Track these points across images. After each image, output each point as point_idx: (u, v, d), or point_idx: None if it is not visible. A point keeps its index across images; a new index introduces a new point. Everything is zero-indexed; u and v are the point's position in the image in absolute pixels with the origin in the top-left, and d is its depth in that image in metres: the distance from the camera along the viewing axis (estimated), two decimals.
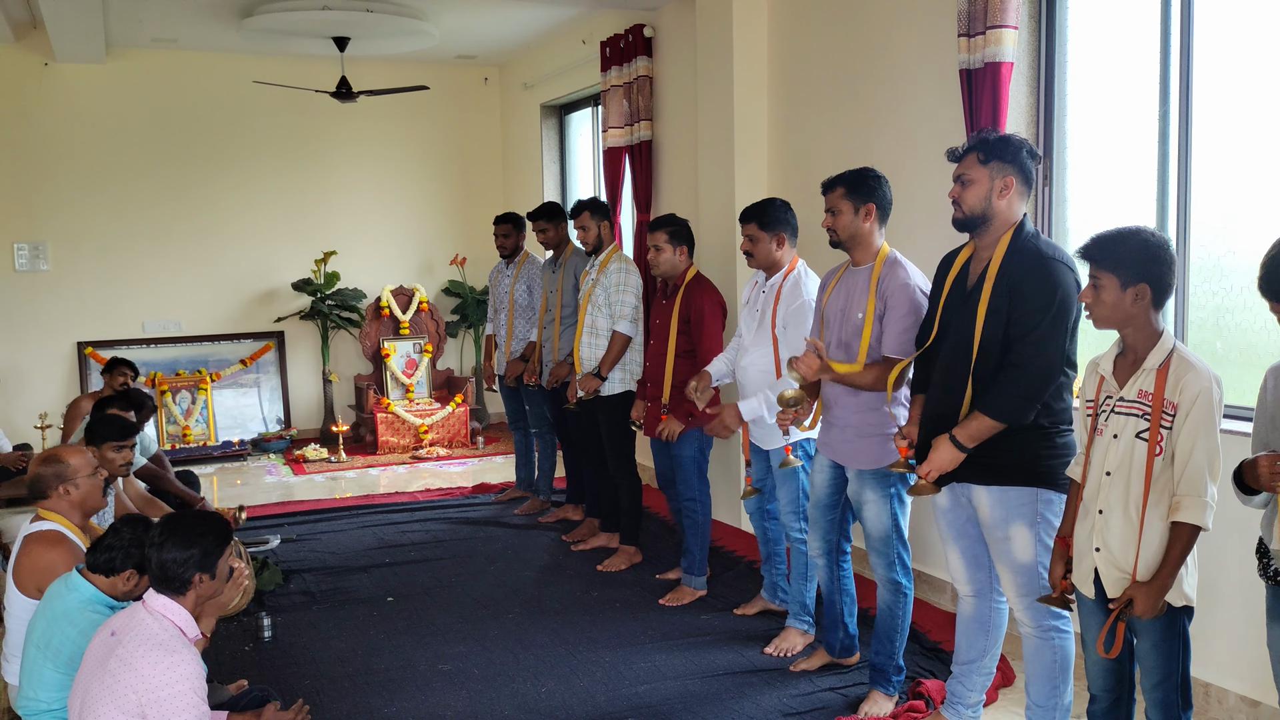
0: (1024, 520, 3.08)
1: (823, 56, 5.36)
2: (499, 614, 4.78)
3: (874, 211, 3.63)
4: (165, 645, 2.69)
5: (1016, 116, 4.35)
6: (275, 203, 8.98)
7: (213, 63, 8.65)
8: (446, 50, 8.74)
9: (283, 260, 9.01)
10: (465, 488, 7.31)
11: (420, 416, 8.64)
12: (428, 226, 9.56)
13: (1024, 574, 3.12)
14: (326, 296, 8.96)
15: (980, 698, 3.51)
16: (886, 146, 4.91)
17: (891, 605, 3.77)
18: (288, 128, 8.94)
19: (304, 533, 6.17)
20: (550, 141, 8.91)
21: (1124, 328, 2.69)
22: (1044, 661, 3.19)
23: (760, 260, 4.21)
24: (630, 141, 6.94)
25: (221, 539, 2.89)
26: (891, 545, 3.70)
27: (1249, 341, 3.77)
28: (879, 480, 3.65)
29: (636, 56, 6.80)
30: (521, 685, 4.02)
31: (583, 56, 7.73)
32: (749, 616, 4.67)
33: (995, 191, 3.06)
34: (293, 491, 7.38)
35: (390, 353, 8.87)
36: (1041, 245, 3.04)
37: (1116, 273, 2.64)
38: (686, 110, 6.47)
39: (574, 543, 5.81)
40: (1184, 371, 2.60)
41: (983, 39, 4.14)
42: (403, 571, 5.43)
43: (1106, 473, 2.72)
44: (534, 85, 8.81)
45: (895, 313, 3.52)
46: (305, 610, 4.89)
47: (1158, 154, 3.99)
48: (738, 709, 3.79)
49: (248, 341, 9.01)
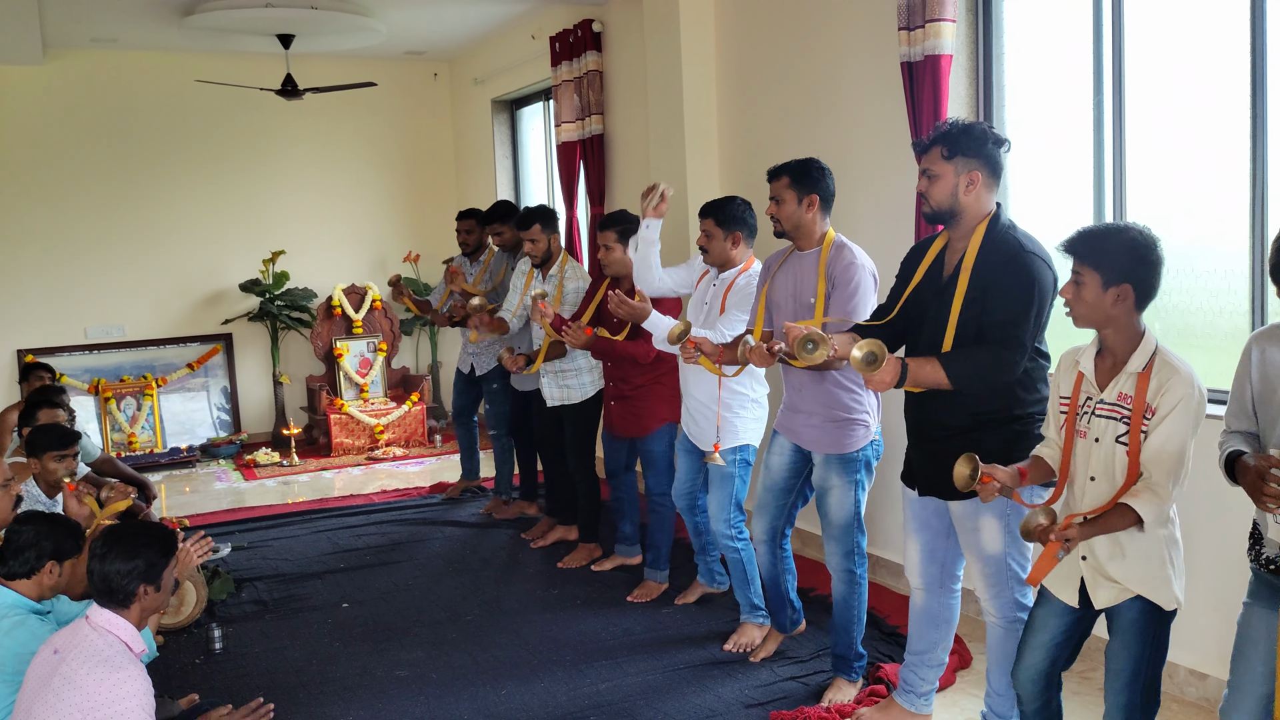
0: (993, 512, 3.08)
1: (769, 50, 5.38)
2: (457, 616, 4.75)
3: (817, 202, 3.67)
4: (111, 662, 2.64)
5: (957, 108, 4.39)
6: (221, 203, 8.84)
7: (154, 62, 8.48)
8: (394, 46, 8.65)
9: (229, 261, 8.87)
10: (423, 488, 7.26)
11: (375, 416, 8.56)
12: (380, 224, 9.46)
13: (993, 564, 3.13)
14: (276, 297, 8.83)
15: (932, 686, 3.56)
16: (833, 138, 4.93)
17: (847, 596, 3.80)
18: (233, 127, 8.80)
19: (256, 540, 6.09)
20: (502, 137, 8.85)
21: (1103, 328, 2.62)
22: (1006, 651, 3.20)
23: (714, 257, 4.21)
24: (582, 136, 6.92)
25: (166, 550, 2.84)
26: (850, 533, 3.73)
27: (1186, 323, 3.84)
28: (845, 465, 3.67)
29: (586, 51, 6.78)
30: (480, 688, 3.99)
31: (532, 51, 7.69)
32: (694, 606, 4.71)
33: (961, 187, 3.01)
34: (244, 498, 7.28)
35: (343, 353, 8.78)
36: (1020, 237, 2.99)
37: (1099, 270, 2.55)
38: (637, 104, 6.46)
39: (532, 540, 5.79)
40: (1167, 375, 2.54)
41: (922, 32, 4.17)
42: (358, 576, 5.38)
43: (1091, 478, 2.67)
44: (484, 80, 8.74)
45: (842, 294, 3.55)
46: (258, 620, 4.83)
47: (1093, 143, 4.04)
48: (699, 702, 3.80)
49: (194, 345, 8.86)
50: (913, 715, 3.56)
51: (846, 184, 3.99)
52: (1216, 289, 3.73)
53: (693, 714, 3.72)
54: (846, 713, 3.64)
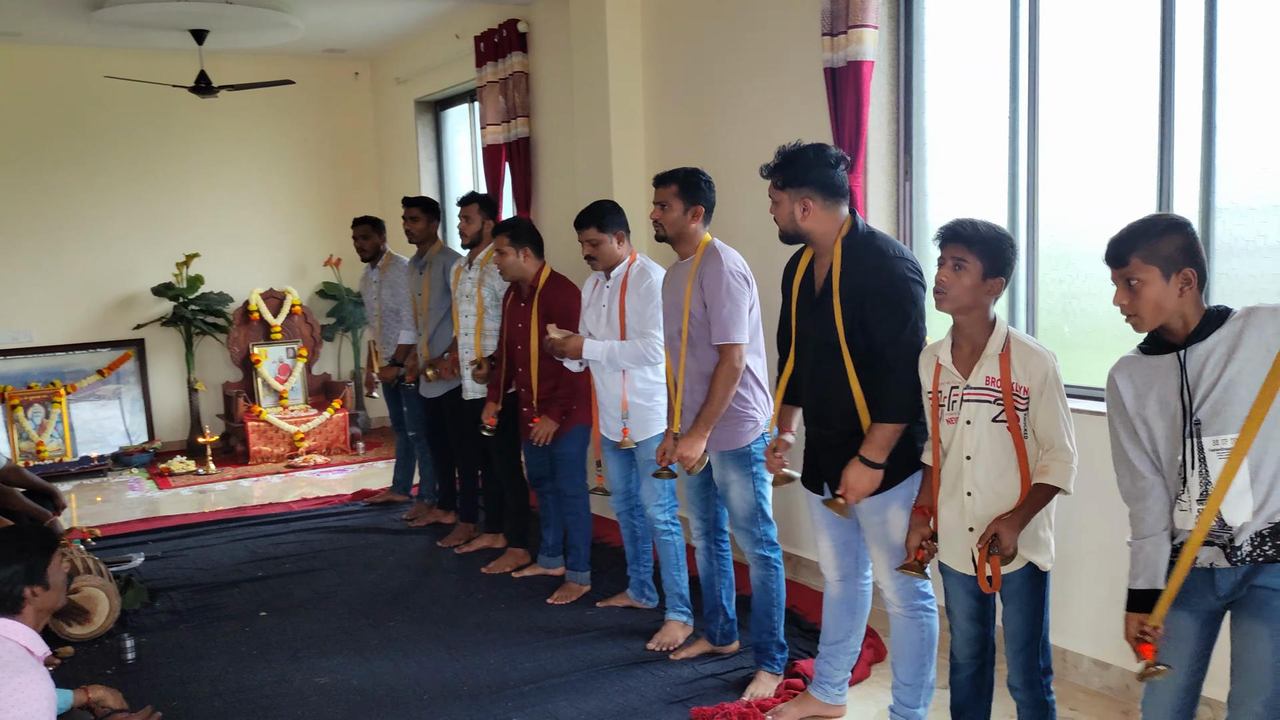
0: (899, 501, 3.16)
1: (696, 54, 5.40)
2: (379, 623, 4.67)
3: (701, 213, 3.81)
4: (11, 666, 2.57)
5: (878, 113, 4.46)
6: (132, 204, 8.60)
7: (62, 57, 8.22)
8: (313, 44, 8.51)
9: (141, 264, 8.62)
10: (344, 495, 7.14)
11: (295, 424, 8.40)
12: (299, 227, 9.29)
13: (897, 554, 3.19)
14: (190, 301, 8.61)
15: (846, 676, 3.63)
16: (758, 143, 4.97)
17: (764, 580, 3.85)
18: (145, 125, 8.57)
19: (170, 549, 5.93)
20: (426, 138, 8.76)
21: (968, 314, 2.77)
22: (912, 640, 3.28)
23: (604, 261, 4.29)
24: (508, 138, 6.87)
25: (45, 548, 2.78)
26: (756, 523, 3.79)
27: (1095, 325, 3.95)
28: (739, 460, 3.74)
29: (511, 52, 6.73)
30: (403, 694, 3.93)
31: (456, 51, 7.62)
32: (618, 609, 4.70)
33: (798, 214, 3.14)
34: (158, 506, 7.08)
35: (261, 358, 8.59)
36: (878, 244, 3.10)
37: (984, 261, 2.72)
38: (563, 106, 6.43)
39: (454, 546, 5.72)
40: (1028, 356, 2.74)
41: (845, 38, 4.23)
42: (277, 585, 5.26)
43: (967, 457, 2.81)
44: (407, 80, 8.64)
45: (715, 302, 3.67)
46: (172, 630, 4.69)
47: (1008, 147, 4.15)
48: (621, 700, 3.80)
49: (105, 351, 8.59)
50: (827, 706, 3.63)
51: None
52: None
53: (615, 712, 3.71)
54: (767, 707, 3.68)
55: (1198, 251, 2.39)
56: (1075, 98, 3.96)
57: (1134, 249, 2.40)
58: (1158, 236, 2.38)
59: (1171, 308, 2.39)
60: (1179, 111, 3.55)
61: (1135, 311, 2.43)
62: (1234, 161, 3.46)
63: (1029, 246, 4.07)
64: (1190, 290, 2.38)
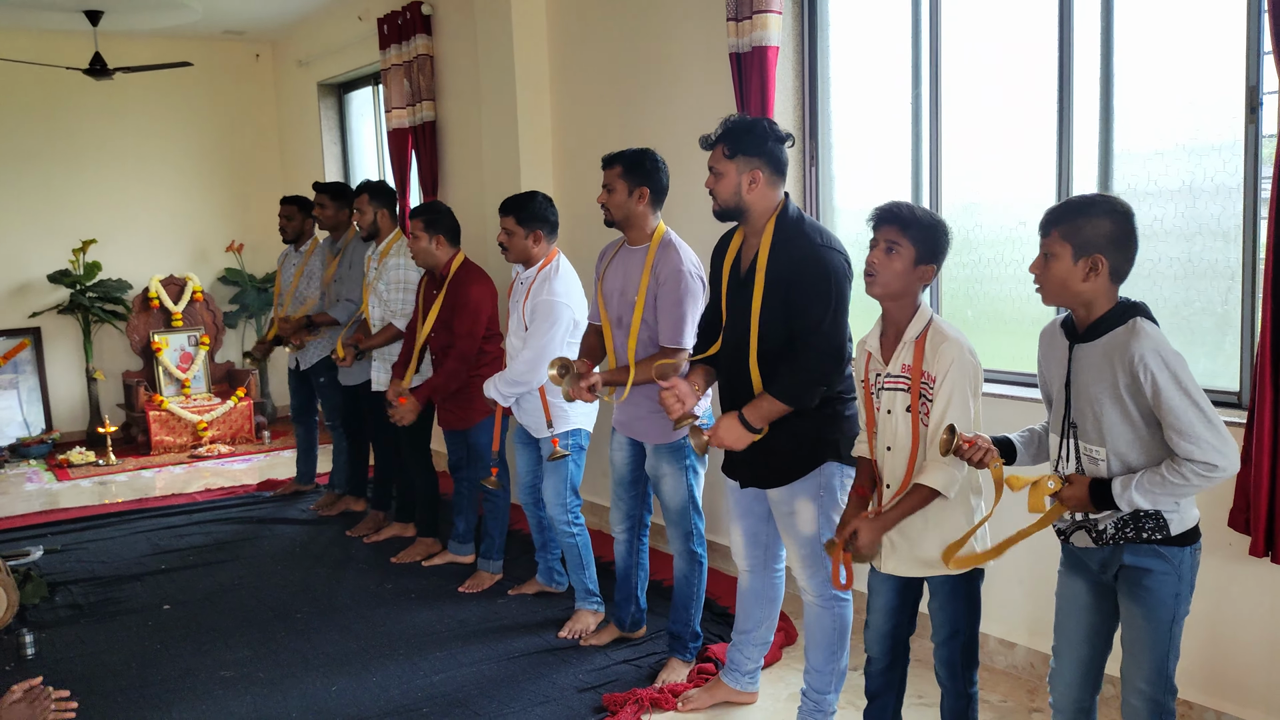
0: (808, 494, 3.16)
1: (603, 38, 5.40)
2: (285, 614, 4.61)
3: (647, 195, 3.67)
4: None
5: (783, 99, 4.51)
6: (25, 188, 8.29)
7: None
8: (212, 25, 8.29)
9: (35, 251, 8.33)
10: (250, 485, 7.01)
11: (198, 413, 8.20)
12: (200, 212, 9.05)
13: (808, 545, 3.21)
14: (87, 288, 8.35)
15: (757, 664, 3.65)
16: (665, 128, 4.99)
17: (688, 575, 3.87)
18: (37, 107, 8.27)
19: (70, 542, 5.76)
20: (330, 122, 8.60)
21: (897, 299, 2.71)
22: (824, 628, 3.30)
23: (515, 254, 4.24)
24: (414, 122, 6.79)
25: None
26: (688, 516, 3.80)
27: (996, 309, 4.06)
28: (674, 454, 3.73)
29: (416, 34, 6.65)
30: (310, 686, 3.89)
31: (360, 33, 7.49)
32: (530, 596, 4.71)
33: (744, 185, 3.06)
34: (57, 499, 6.87)
35: (162, 347, 8.37)
36: (808, 231, 3.05)
37: (917, 246, 2.66)
38: (469, 90, 6.38)
39: (363, 535, 5.67)
40: (939, 342, 2.66)
41: (750, 23, 4.26)
42: (180, 577, 5.15)
43: (888, 448, 2.79)
44: (309, 63, 8.47)
45: (667, 300, 3.58)
46: (73, 624, 4.57)
47: (911, 134, 4.22)
48: (534, 689, 3.80)
49: (0, 339, 8.30)
50: (738, 693, 3.65)
51: (678, 174, 4.03)
52: (1026, 277, 3.90)
53: (527, 700, 3.72)
54: (678, 692, 3.70)
55: (1123, 242, 2.37)
56: (977, 81, 4.03)
57: (1058, 223, 2.40)
58: (1084, 216, 2.37)
59: (1076, 290, 2.39)
60: (1078, 95, 3.63)
61: (1041, 283, 2.46)
62: (1132, 145, 3.52)
63: None
64: (1096, 277, 2.36)
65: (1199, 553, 2.47)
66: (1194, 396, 2.26)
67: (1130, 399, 2.33)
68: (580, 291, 4.28)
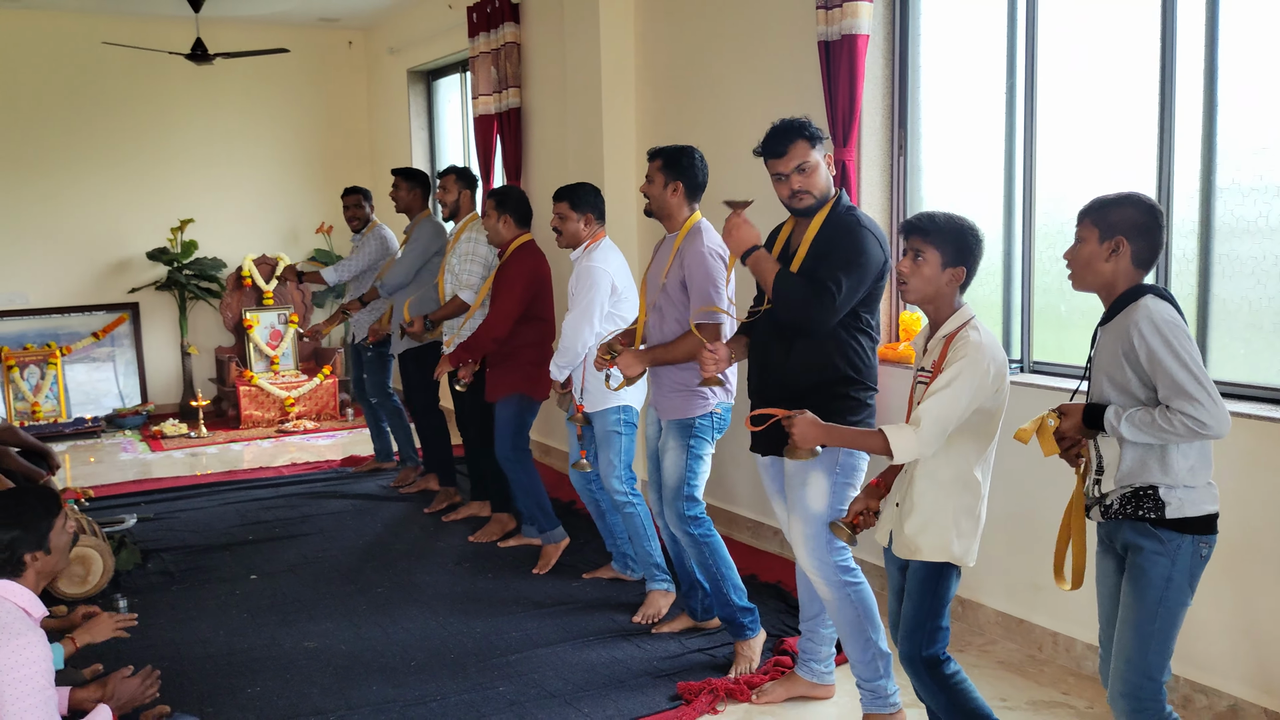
0: (823, 468, 3.16)
1: (689, 25, 5.39)
2: (367, 588, 4.72)
3: (681, 189, 3.80)
4: (9, 628, 2.60)
5: (872, 88, 4.46)
6: (128, 169, 8.59)
7: (59, 23, 8.19)
8: (308, 12, 8.46)
9: (137, 229, 8.63)
10: (334, 461, 7.17)
11: (286, 389, 8.42)
12: (292, 194, 9.28)
13: (813, 524, 3.19)
14: (184, 266, 8.63)
15: (831, 652, 3.59)
16: (750, 115, 4.96)
17: (699, 557, 3.87)
18: (140, 91, 8.55)
19: (162, 511, 5.97)
20: (418, 108, 8.73)
21: (932, 303, 2.80)
22: (848, 618, 3.26)
23: (568, 238, 4.37)
24: (499, 109, 6.86)
25: (48, 511, 2.78)
26: (680, 495, 3.81)
27: (1092, 305, 3.92)
28: (681, 430, 3.79)
29: (504, 22, 6.71)
30: (390, 660, 3.98)
31: (449, 22, 7.58)
32: (604, 581, 4.74)
33: (826, 170, 3.19)
34: (150, 469, 7.12)
35: (253, 324, 8.60)
36: (859, 216, 3.19)
37: (942, 251, 2.73)
38: (555, 78, 6.42)
39: (440, 513, 5.76)
40: (961, 343, 2.70)
41: (840, 11, 4.22)
42: (266, 549, 5.31)
43: None
44: (400, 50, 8.60)
45: (694, 281, 3.68)
46: (164, 591, 4.74)
47: (1005, 124, 4.13)
48: (608, 673, 3.83)
49: (100, 314, 8.62)
50: (815, 686, 3.60)
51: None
52: None
53: (602, 684, 3.75)
54: (755, 684, 3.67)
55: (1147, 230, 2.48)
56: (1074, 73, 3.94)
57: (1090, 212, 2.56)
58: (1113, 205, 2.52)
59: (1099, 269, 2.52)
60: (1180, 88, 3.53)
61: (1071, 267, 2.60)
62: (1236, 140, 3.42)
63: (1025, 224, 4.06)
64: (1118, 259, 2.49)
65: (1207, 548, 2.47)
66: (1186, 361, 2.35)
67: (1130, 368, 2.43)
68: (622, 262, 4.37)
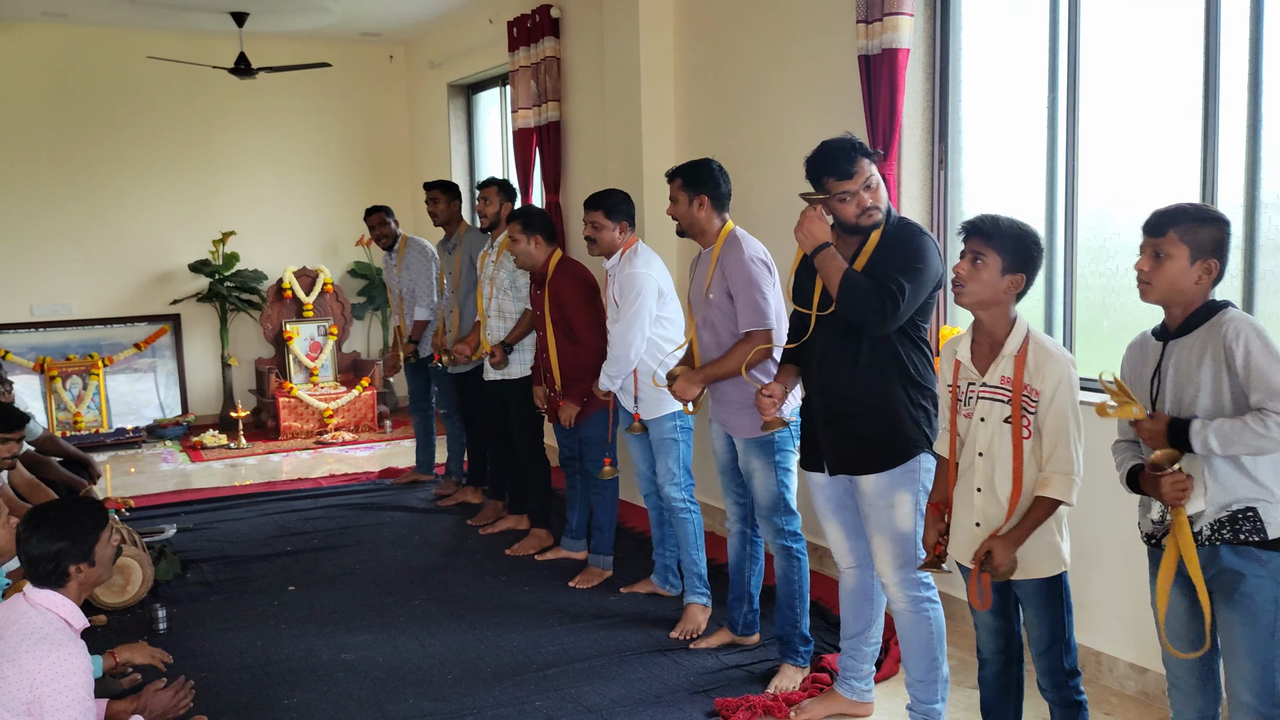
0: (907, 488, 3.14)
1: (729, 40, 5.39)
2: (404, 600, 4.73)
3: (707, 202, 3.79)
4: (51, 639, 2.62)
5: (912, 102, 4.43)
6: (171, 182, 8.71)
7: (105, 37, 8.33)
8: (349, 27, 8.56)
9: (178, 241, 8.75)
10: (372, 473, 7.21)
11: (325, 400, 8.49)
12: (332, 207, 9.36)
13: (902, 543, 3.18)
14: (225, 278, 8.73)
15: (870, 669, 3.59)
16: (790, 129, 4.95)
17: (786, 571, 3.84)
18: (184, 105, 8.67)
19: (201, 521, 6.02)
20: (458, 121, 8.80)
21: (987, 310, 2.75)
22: (919, 635, 3.25)
23: (603, 246, 4.36)
24: (539, 122, 6.89)
25: (95, 524, 2.80)
26: (778, 511, 3.78)
27: (1135, 320, 3.89)
28: (762, 448, 3.74)
29: (544, 37, 6.74)
30: (427, 672, 3.98)
31: (489, 36, 7.64)
32: (641, 596, 4.72)
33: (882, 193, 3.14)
34: (190, 479, 7.20)
35: (293, 335, 8.69)
36: (919, 225, 3.20)
37: (1003, 255, 2.70)
38: (595, 92, 6.44)
39: (480, 526, 5.77)
40: (1043, 359, 2.69)
41: (880, 25, 4.20)
42: (305, 560, 5.34)
43: (979, 453, 2.80)
44: (440, 64, 8.67)
45: (738, 288, 3.67)
46: (203, 601, 4.78)
47: (1047, 138, 4.09)
48: (645, 688, 3.81)
49: (142, 325, 8.73)
50: (854, 704, 3.58)
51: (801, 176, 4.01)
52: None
53: (639, 699, 3.73)
54: (793, 701, 3.65)
55: (1227, 251, 2.49)
56: (1116, 87, 3.90)
57: (1175, 224, 2.48)
58: (1201, 222, 2.47)
59: (1185, 289, 2.48)
60: (1224, 101, 3.49)
61: (1150, 280, 2.51)
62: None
63: (1067, 239, 4.02)
64: (1207, 280, 2.47)
65: None
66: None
67: (1226, 376, 2.40)
68: (663, 266, 4.37)
